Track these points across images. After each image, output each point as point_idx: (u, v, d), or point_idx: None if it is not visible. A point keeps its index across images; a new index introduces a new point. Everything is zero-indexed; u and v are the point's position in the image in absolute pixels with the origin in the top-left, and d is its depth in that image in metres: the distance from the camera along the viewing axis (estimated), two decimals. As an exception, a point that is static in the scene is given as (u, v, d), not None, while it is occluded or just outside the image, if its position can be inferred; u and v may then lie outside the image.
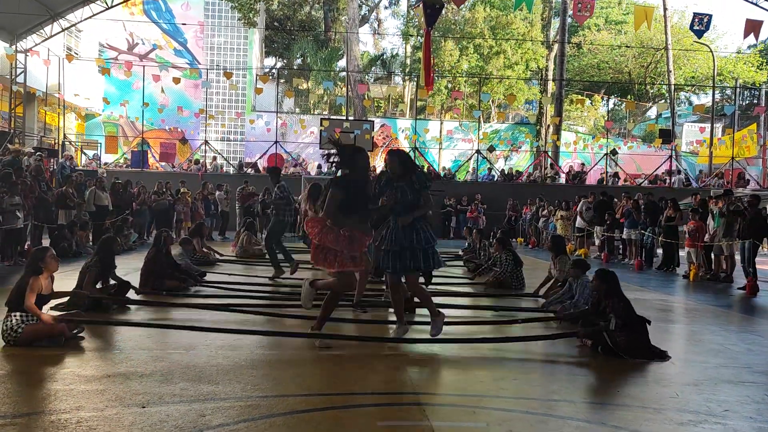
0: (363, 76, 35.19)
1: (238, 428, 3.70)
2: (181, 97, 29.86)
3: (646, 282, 11.81)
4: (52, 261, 5.68)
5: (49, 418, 3.81)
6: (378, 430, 3.78)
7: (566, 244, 15.62)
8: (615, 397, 4.84)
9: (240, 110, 32.07)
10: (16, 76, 22.53)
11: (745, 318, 8.57)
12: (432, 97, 32.91)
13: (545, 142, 31.93)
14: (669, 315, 8.36)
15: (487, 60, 34.70)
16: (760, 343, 6.79)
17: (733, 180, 24.94)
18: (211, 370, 4.87)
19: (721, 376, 5.29)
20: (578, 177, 26.79)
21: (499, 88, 33.94)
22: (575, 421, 4.02)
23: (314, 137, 29.45)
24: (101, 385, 4.48)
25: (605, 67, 40.13)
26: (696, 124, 37.39)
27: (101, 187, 15.04)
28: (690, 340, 6.89)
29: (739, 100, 35.14)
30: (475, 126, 29.96)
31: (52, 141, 24.86)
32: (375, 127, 28.16)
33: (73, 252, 12.21)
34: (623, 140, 35.38)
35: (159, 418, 3.79)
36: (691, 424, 4.07)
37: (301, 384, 4.67)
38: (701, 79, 37.98)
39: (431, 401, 4.37)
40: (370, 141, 24.25)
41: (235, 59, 32.53)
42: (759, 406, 4.51)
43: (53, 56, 23.65)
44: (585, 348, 6.00)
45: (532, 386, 4.83)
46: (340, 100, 30.73)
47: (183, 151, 28.60)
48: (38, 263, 5.59)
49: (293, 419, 3.90)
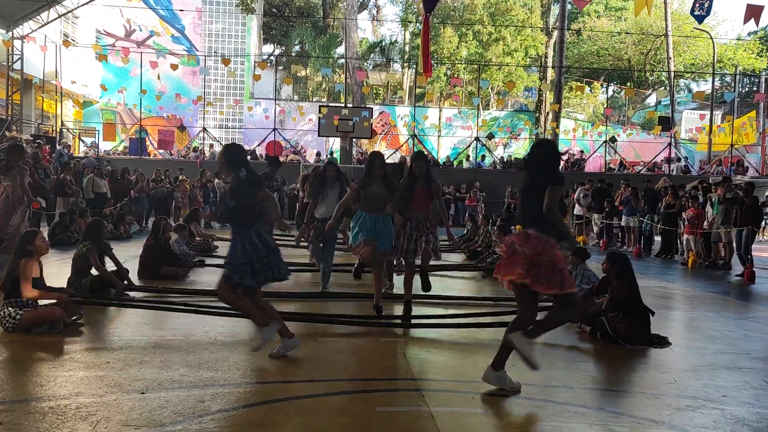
0: (362, 63, 35.03)
1: (237, 414, 3.70)
2: (179, 84, 29.71)
3: (645, 269, 11.82)
4: (41, 244, 5.65)
5: (48, 404, 3.81)
6: (377, 415, 3.79)
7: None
8: (613, 382, 4.85)
9: (238, 97, 31.93)
10: (13, 63, 22.39)
11: (743, 305, 8.59)
12: (431, 84, 32.77)
13: (544, 129, 31.85)
14: (668, 302, 8.37)
15: (487, 47, 34.54)
16: (758, 329, 6.81)
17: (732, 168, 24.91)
18: (210, 356, 4.87)
19: (719, 362, 5.30)
20: (577, 164, 26.76)
21: (499, 75, 33.80)
22: (573, 407, 4.03)
23: (313, 124, 29.33)
24: (100, 371, 4.48)
25: (605, 54, 39.97)
26: (695, 111, 37.31)
27: (99, 175, 15.00)
28: (688, 326, 6.90)
29: (738, 87, 35.04)
30: (474, 113, 29.87)
31: (49, 128, 24.77)
32: (374, 115, 28.04)
33: (73, 240, 12.18)
34: (622, 127, 35.30)
35: (158, 404, 3.80)
36: (689, 410, 4.08)
37: (301, 370, 4.68)
38: (701, 66, 37.86)
39: (430, 387, 4.38)
40: (368, 128, 24.16)
41: (233, 46, 32.34)
42: (756, 392, 4.52)
43: (50, 43, 23.49)
44: (584, 335, 6.02)
45: (530, 373, 4.83)
46: (339, 87, 30.59)
47: (181, 138, 28.51)
48: (28, 246, 5.56)
49: (292, 405, 3.91)
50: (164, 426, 3.48)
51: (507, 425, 3.72)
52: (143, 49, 28.18)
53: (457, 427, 3.63)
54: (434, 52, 33.46)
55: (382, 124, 33.17)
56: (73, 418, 3.58)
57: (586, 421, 3.78)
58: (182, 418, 3.59)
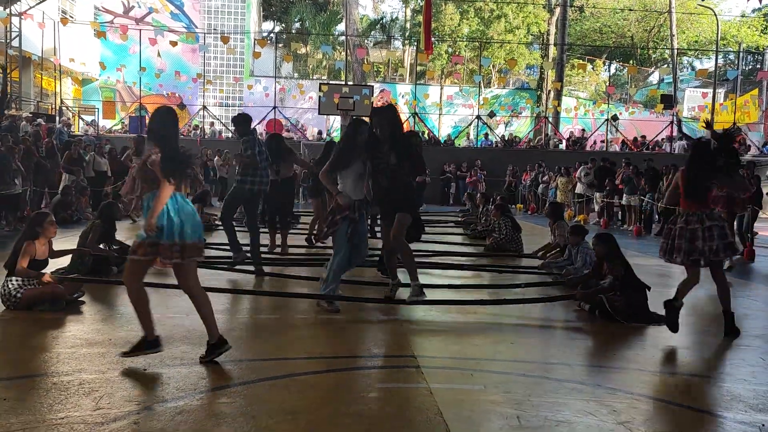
0: (362, 41, 34.74)
1: (238, 390, 3.74)
2: (178, 62, 29.52)
3: (645, 248, 11.84)
4: (50, 227, 5.67)
5: (51, 380, 3.85)
6: (377, 391, 3.83)
7: (566, 211, 15.67)
8: (611, 360, 4.89)
9: (238, 75, 31.73)
10: (11, 40, 22.20)
11: (742, 283, 8.61)
12: (432, 61, 32.53)
13: (546, 107, 31.69)
14: (667, 280, 8.39)
15: (488, 24, 34.23)
16: (756, 307, 6.85)
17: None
18: (211, 333, 4.90)
19: (716, 339, 5.34)
20: (578, 143, 26.67)
21: (500, 52, 33.54)
22: (572, 383, 4.07)
23: (313, 102, 29.19)
24: (103, 348, 4.52)
25: (607, 32, 39.61)
26: (698, 89, 37.06)
27: (100, 153, 14.97)
28: (687, 304, 6.92)
29: (742, 64, 34.77)
30: (476, 91, 29.70)
31: (49, 106, 24.66)
32: (374, 92, 27.89)
33: (74, 219, 12.22)
34: (624, 106, 35.10)
35: (160, 381, 3.84)
36: (685, 386, 4.12)
37: (301, 347, 4.72)
38: (704, 43, 37.54)
39: (429, 364, 4.42)
40: (369, 106, 24.04)
41: (232, 23, 32.05)
42: (754, 369, 4.56)
43: (48, 19, 23.29)
44: (582, 312, 6.05)
45: (529, 350, 4.88)
46: (339, 65, 30.38)
47: (181, 116, 28.37)
48: (36, 228, 5.58)
49: (293, 381, 3.95)
50: (166, 402, 3.52)
51: (505, 401, 3.76)
52: (142, 26, 27.95)
53: (456, 403, 3.67)
54: (435, 30, 33.17)
55: (382, 102, 33.01)
56: (77, 393, 3.62)
57: (584, 397, 3.82)
58: (184, 394, 3.63)
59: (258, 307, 5.93)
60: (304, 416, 3.39)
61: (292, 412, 3.44)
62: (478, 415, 3.56)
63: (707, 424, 3.52)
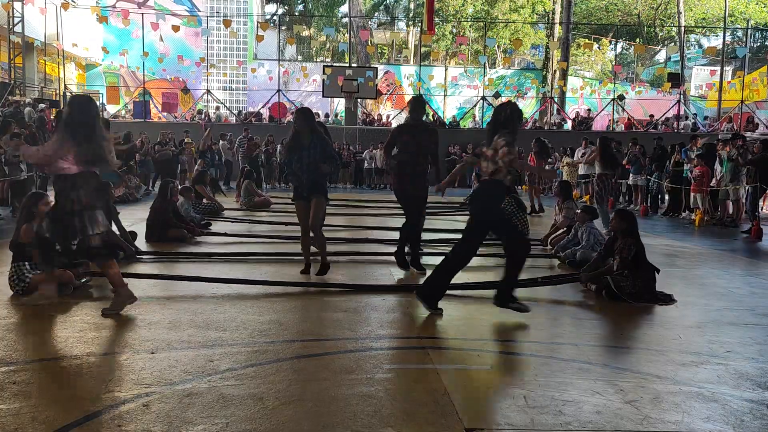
0: (366, 22, 34.48)
1: (245, 373, 3.76)
2: (181, 46, 29.39)
3: (652, 227, 11.80)
4: (44, 208, 5.66)
5: (60, 363, 3.88)
6: (384, 372, 3.84)
7: (572, 191, 15.59)
8: (618, 339, 4.89)
9: (242, 58, 31.58)
10: (13, 26, 22.14)
11: (749, 261, 8.59)
12: (436, 42, 32.28)
13: (551, 87, 31.45)
14: (674, 260, 8.38)
15: (493, 3, 33.90)
16: (764, 286, 6.82)
17: (742, 124, 24.59)
18: (218, 317, 4.93)
19: (724, 318, 5.32)
20: (584, 123, 26.50)
21: (505, 32, 33.24)
22: (578, 363, 4.07)
23: (317, 85, 29.06)
24: (110, 332, 4.54)
25: (614, 10, 39.17)
26: (706, 67, 36.67)
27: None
28: (694, 283, 6.91)
29: (750, 42, 34.33)
30: (481, 72, 29.48)
31: (53, 92, 24.64)
32: (378, 74, 27.72)
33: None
34: (631, 85, 34.80)
35: (168, 364, 3.86)
36: (693, 365, 4.11)
37: (308, 330, 4.73)
38: (712, 20, 37.05)
39: (436, 345, 4.43)
40: (373, 88, 23.93)
41: (235, 6, 31.84)
42: (761, 347, 4.55)
43: (50, 4, 23.19)
44: (589, 292, 6.04)
45: (536, 330, 4.88)
46: (343, 47, 30.21)
47: (185, 100, 28.34)
48: (31, 209, 5.56)
49: (300, 363, 3.96)
50: (174, 384, 3.54)
51: (512, 381, 3.76)
52: (144, 10, 27.80)
53: (463, 383, 3.68)
54: (439, 10, 32.91)
55: (387, 84, 32.81)
56: (86, 377, 3.65)
57: (591, 377, 3.82)
58: (191, 377, 3.65)
59: (264, 291, 5.93)
60: (311, 398, 3.40)
61: (299, 393, 3.46)
62: (486, 395, 3.57)
63: (715, 402, 3.52)
